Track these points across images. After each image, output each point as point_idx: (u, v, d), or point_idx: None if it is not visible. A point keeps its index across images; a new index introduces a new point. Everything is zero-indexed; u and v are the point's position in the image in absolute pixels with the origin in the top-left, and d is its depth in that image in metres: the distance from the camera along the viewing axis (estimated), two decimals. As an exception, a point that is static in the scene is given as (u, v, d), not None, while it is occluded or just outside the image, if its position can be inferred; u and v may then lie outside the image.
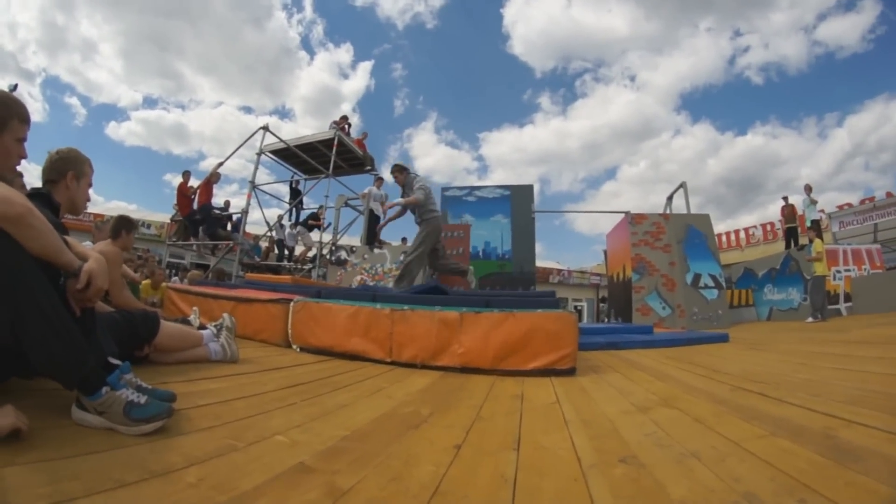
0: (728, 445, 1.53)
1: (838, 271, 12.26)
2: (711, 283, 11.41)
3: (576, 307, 29.45)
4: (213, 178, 11.32)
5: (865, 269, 12.57)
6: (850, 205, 25.96)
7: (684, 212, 12.48)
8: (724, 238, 29.30)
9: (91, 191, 2.44)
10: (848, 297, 12.01)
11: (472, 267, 8.19)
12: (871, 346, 4.36)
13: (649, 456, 1.45)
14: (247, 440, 1.41)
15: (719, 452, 1.46)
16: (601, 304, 22.47)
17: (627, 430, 1.80)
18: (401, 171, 7.07)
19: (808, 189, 13.82)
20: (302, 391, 2.28)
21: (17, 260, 1.31)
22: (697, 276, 11.36)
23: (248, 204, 11.48)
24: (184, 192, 11.18)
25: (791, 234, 14.47)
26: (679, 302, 11.11)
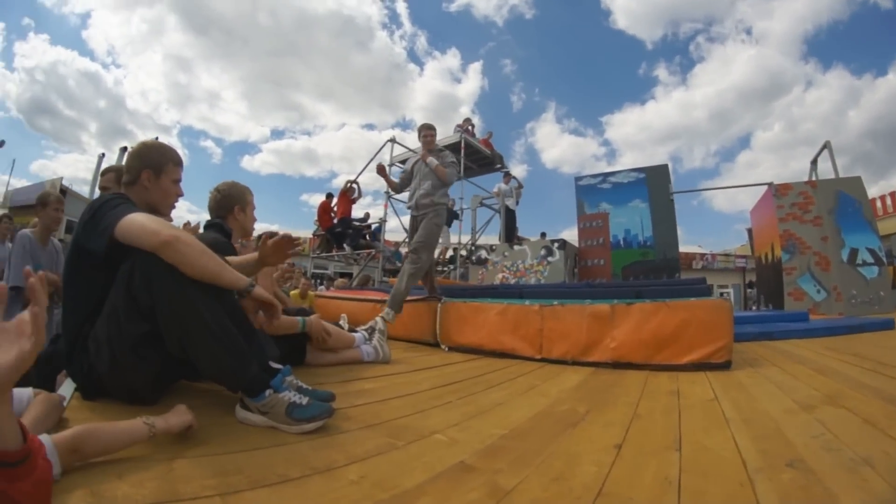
0: None
1: None
2: (871, 259, 9.97)
3: (722, 294, 27.77)
4: (349, 192, 12.02)
5: None
6: None
7: (832, 176, 11.15)
8: (878, 203, 25.44)
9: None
10: None
11: None
12: None
13: (818, 461, 1.37)
14: (406, 439, 1.44)
15: (894, 460, 1.35)
16: (748, 290, 21.06)
17: (792, 431, 1.70)
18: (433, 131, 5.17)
19: None
20: (456, 390, 2.32)
21: (176, 282, 1.44)
22: (854, 252, 9.99)
23: (386, 213, 11.88)
24: (325, 209, 12.04)
25: None
26: (835, 283, 9.85)
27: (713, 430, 1.74)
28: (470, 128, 13.26)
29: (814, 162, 12.29)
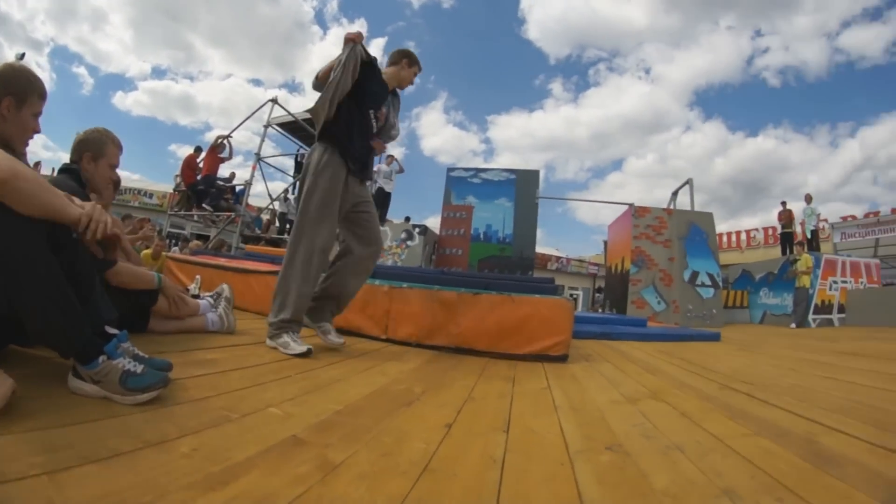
0: (712, 441, 1.57)
1: (835, 282, 12.37)
2: (708, 282, 11.49)
3: (571, 295, 29.63)
4: (218, 149, 11.26)
5: (862, 283, 12.75)
6: (854, 217, 26.25)
7: (688, 209, 12.47)
8: (724, 238, 29.37)
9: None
10: (842, 309, 12.11)
11: None
12: (860, 359, 4.43)
13: (635, 446, 1.48)
14: (241, 411, 1.42)
15: (703, 447, 1.50)
16: (597, 294, 22.66)
17: (615, 420, 1.83)
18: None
19: (809, 199, 14.24)
20: (297, 364, 2.29)
21: (8, 225, 1.30)
22: (695, 274, 11.43)
23: (253, 176, 11.49)
24: (190, 164, 11.22)
25: (786, 239, 14.82)
26: (675, 298, 11.17)
27: (541, 416, 1.84)
28: None
29: (675, 193, 13.74)
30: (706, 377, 3.05)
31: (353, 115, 2.91)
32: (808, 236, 13.87)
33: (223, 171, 11.82)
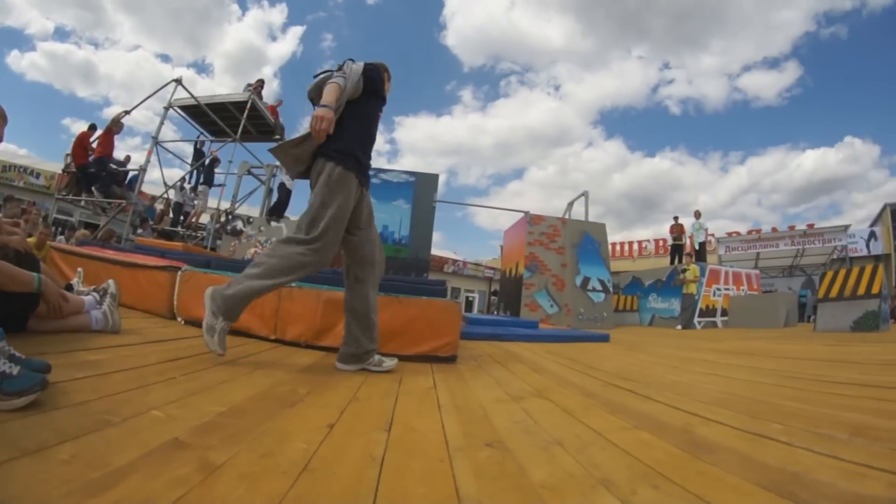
0: (592, 435, 1.64)
1: (718, 289, 13.65)
2: (599, 287, 12.22)
3: (467, 297, 30.26)
4: (115, 128, 10.49)
5: (743, 290, 14.22)
6: (738, 233, 29.41)
7: (582, 219, 13.17)
8: (617, 247, 31.55)
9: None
10: (725, 312, 13.39)
11: None
12: (739, 356, 4.63)
13: (515, 441, 1.54)
14: (123, 415, 1.38)
15: (582, 441, 1.57)
16: (492, 297, 23.21)
17: (498, 417, 1.90)
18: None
19: (698, 214, 15.61)
20: (182, 366, 2.24)
21: None
22: (587, 279, 12.13)
23: (148, 161, 10.84)
24: (83, 143, 10.35)
25: (676, 251, 16.13)
26: (567, 301, 11.75)
27: (425, 415, 1.89)
28: (260, 89, 12.65)
29: (570, 204, 14.51)
30: (591, 375, 3.17)
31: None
32: (696, 248, 15.16)
33: (118, 152, 10.98)
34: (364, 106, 2.91)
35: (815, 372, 3.32)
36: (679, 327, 12.11)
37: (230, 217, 11.50)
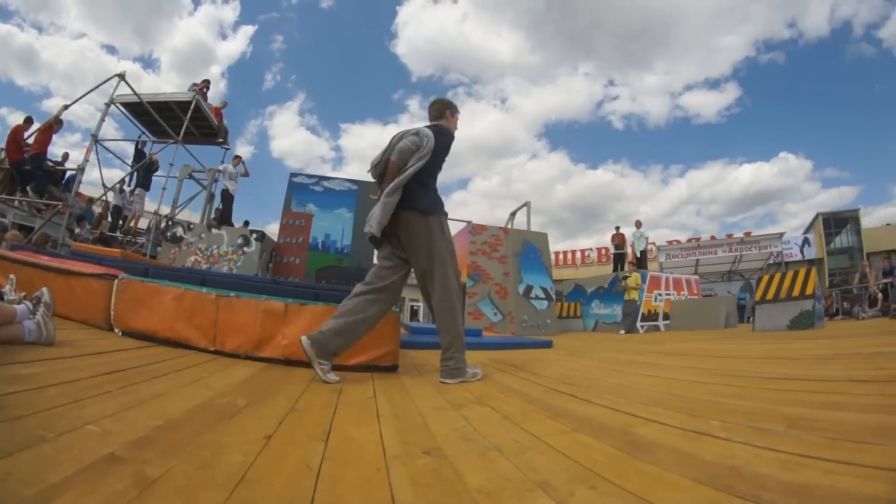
0: (531, 440, 1.66)
1: (660, 294, 14.23)
2: (542, 295, 12.47)
3: (412, 307, 30.27)
4: (56, 125, 9.99)
5: (683, 295, 14.85)
6: (678, 241, 31.01)
7: (525, 228, 13.43)
8: (560, 256, 32.46)
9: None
10: (667, 316, 14.01)
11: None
12: (679, 357, 4.69)
13: (453, 448, 1.56)
14: (57, 430, 1.36)
15: (521, 446, 1.59)
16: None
17: (437, 425, 1.91)
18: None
19: (638, 224, 16.40)
20: (119, 379, 2.19)
21: None
22: (529, 288, 12.36)
23: (87, 160, 10.32)
24: (17, 137, 9.82)
25: (618, 259, 16.81)
26: (510, 309, 11.93)
27: (363, 424, 1.89)
28: (206, 90, 12.37)
29: (513, 214, 14.81)
30: (533, 381, 3.20)
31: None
32: (638, 256, 15.78)
33: (55, 148, 10.54)
34: (436, 161, 3.48)
35: (754, 369, 3.42)
36: (622, 332, 12.46)
37: (170, 223, 11.12)
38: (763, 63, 69.14)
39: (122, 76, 10.92)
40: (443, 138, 3.45)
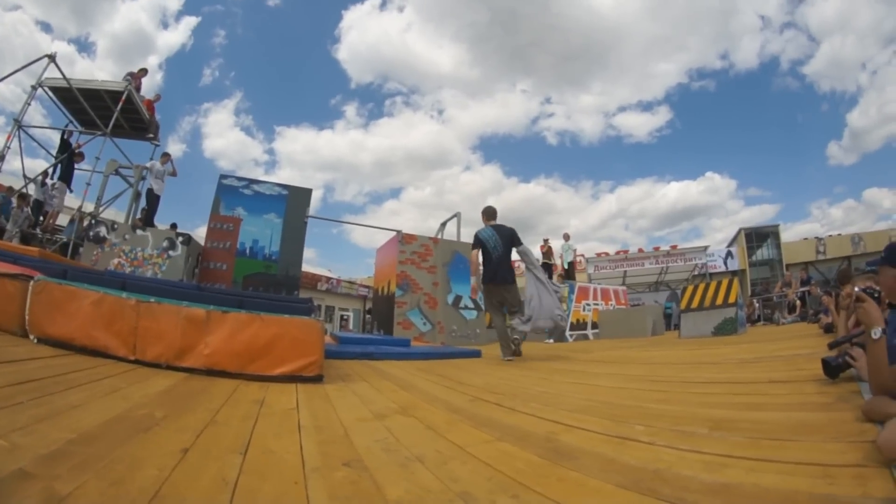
0: (453, 450, 1.68)
1: (588, 304, 14.70)
2: (472, 305, 12.59)
3: (342, 316, 30.09)
4: None
5: (612, 305, 15.46)
6: (606, 253, 32.58)
7: (454, 239, 13.56)
8: None
9: None
10: (595, 326, 14.46)
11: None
12: (606, 365, 4.87)
13: (374, 460, 1.56)
14: None
15: (443, 456, 1.60)
16: (367, 316, 23.26)
17: (359, 436, 1.91)
18: (483, 215, 6.86)
19: (567, 237, 17.25)
20: (32, 389, 2.11)
21: None
22: (458, 298, 12.50)
23: (8, 147, 9.86)
24: None
25: (547, 270, 17.07)
26: (440, 319, 12.02)
27: (284, 436, 1.89)
28: (141, 81, 11.90)
29: (443, 224, 14.94)
30: (459, 391, 3.24)
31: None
32: (566, 267, 16.25)
33: None
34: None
35: (679, 374, 3.56)
36: (550, 341, 12.68)
37: (93, 221, 10.60)
38: (695, 89, 72.98)
39: (52, 57, 10.38)
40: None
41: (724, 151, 79.59)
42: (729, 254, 32.12)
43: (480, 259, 6.31)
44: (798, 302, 14.21)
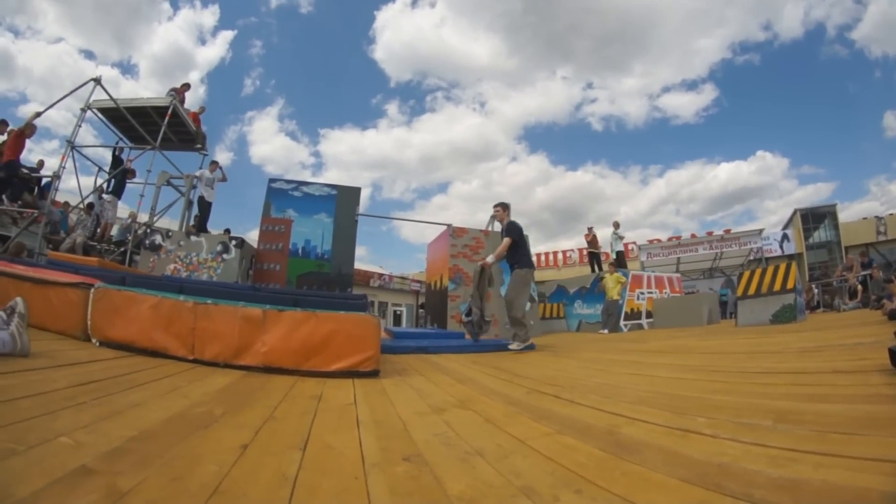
0: (514, 443, 1.64)
1: (642, 293, 14.39)
2: (525, 296, 12.44)
3: (395, 311, 30.29)
4: (28, 131, 9.81)
5: (666, 292, 15.01)
6: (659, 240, 31.39)
7: (505, 230, 13.50)
8: (542, 257, 32.65)
9: None
10: (650, 315, 14.08)
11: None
12: (663, 355, 4.70)
13: (434, 454, 1.53)
14: (28, 443, 1.34)
15: (504, 450, 1.56)
16: (420, 310, 23.36)
17: (417, 431, 1.89)
18: (505, 209, 7.52)
19: (616, 225, 16.47)
20: (94, 389, 2.16)
21: None
22: (512, 289, 12.32)
23: (63, 167, 10.23)
24: None
25: (594, 258, 16.78)
26: (493, 312, 11.89)
27: (343, 431, 1.87)
28: (184, 95, 12.27)
29: (493, 217, 14.59)
30: (516, 383, 3.18)
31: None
32: (615, 256, 15.91)
33: (32, 155, 10.35)
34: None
35: (738, 364, 3.42)
36: (604, 331, 12.48)
37: (148, 231, 11.01)
38: (739, 64, 70.39)
39: (97, 80, 10.76)
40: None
41: (774, 128, 76.60)
42: (785, 237, 30.52)
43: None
44: (859, 287, 13.54)
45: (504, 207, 7.37)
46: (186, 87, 12.70)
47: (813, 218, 30.32)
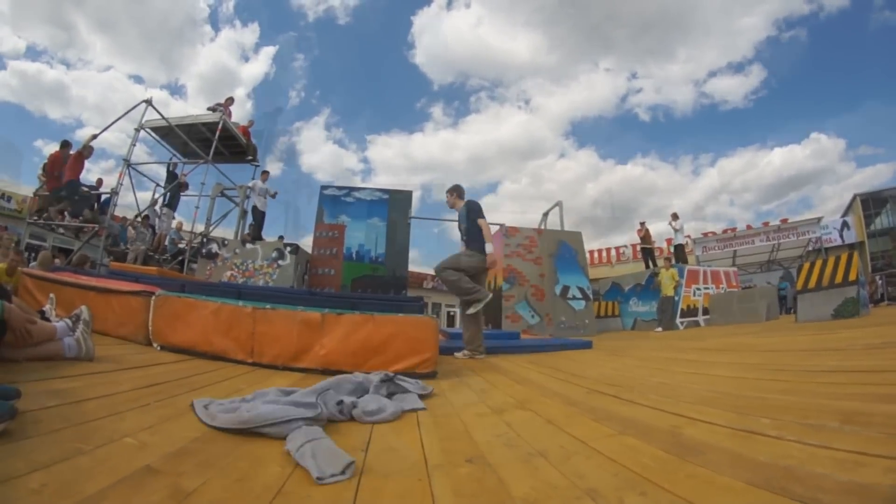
0: (576, 444, 1.60)
1: (698, 289, 13.95)
2: (579, 295, 12.29)
3: (449, 313, 30.25)
4: (85, 152, 10.31)
5: (723, 288, 14.37)
6: (713, 233, 30.12)
7: (558, 228, 13.30)
8: (595, 255, 32.02)
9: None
10: (706, 311, 13.52)
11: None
12: (722, 353, 4.58)
13: (496, 456, 1.51)
14: (94, 443, 1.35)
15: (566, 451, 1.53)
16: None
17: (478, 432, 1.86)
18: (454, 194, 6.45)
19: (674, 217, 15.58)
20: (157, 392, 2.20)
21: None
22: (566, 288, 12.19)
23: (121, 184, 10.65)
24: (56, 164, 10.12)
25: (647, 254, 16.26)
26: (548, 311, 11.79)
27: (404, 433, 1.87)
28: (230, 109, 12.60)
29: (545, 214, 14.66)
30: (574, 383, 3.12)
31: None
32: (672, 250, 15.43)
33: (91, 174, 10.87)
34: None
35: (800, 362, 3.30)
36: (659, 329, 12.20)
37: (205, 240, 11.33)
38: (785, 41, 67.14)
39: (149, 102, 11.17)
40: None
41: (826, 107, 72.79)
42: (844, 224, 28.36)
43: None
44: (929, 278, 12.74)
45: (454, 191, 6.41)
46: (230, 100, 13.00)
47: (874, 203, 27.93)
